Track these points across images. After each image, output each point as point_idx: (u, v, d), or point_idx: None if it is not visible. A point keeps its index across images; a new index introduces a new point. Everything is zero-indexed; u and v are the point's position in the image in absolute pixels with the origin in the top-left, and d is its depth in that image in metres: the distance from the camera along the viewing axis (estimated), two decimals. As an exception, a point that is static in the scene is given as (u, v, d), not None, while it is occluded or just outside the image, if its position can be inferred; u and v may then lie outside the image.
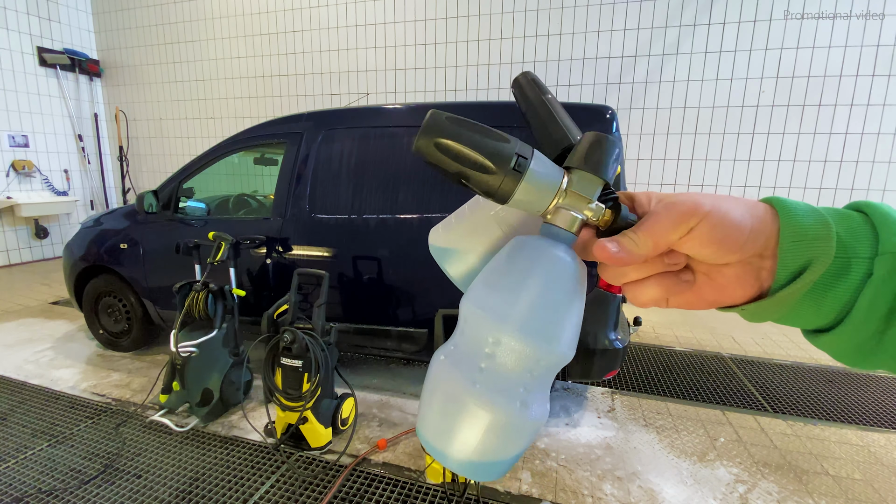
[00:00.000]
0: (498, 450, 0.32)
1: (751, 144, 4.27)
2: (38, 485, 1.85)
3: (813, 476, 2.00)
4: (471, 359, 0.32)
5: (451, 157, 0.30)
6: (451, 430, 0.32)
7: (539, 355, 0.31)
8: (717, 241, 0.29)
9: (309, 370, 2.00)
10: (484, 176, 0.31)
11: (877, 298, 0.27)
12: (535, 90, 0.41)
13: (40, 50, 5.85)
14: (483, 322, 0.31)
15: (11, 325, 3.70)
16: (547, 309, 0.31)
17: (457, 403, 0.31)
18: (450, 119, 0.31)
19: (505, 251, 0.34)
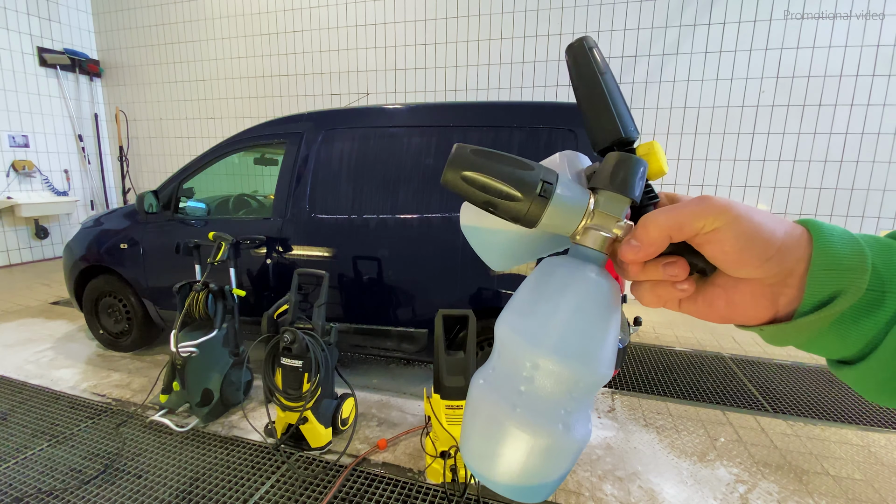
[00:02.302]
0: (542, 472, 0.32)
1: (751, 144, 4.27)
2: (38, 485, 1.85)
3: (813, 476, 2.00)
4: (510, 382, 0.32)
5: (477, 187, 0.31)
6: (494, 454, 0.32)
7: (578, 377, 0.31)
8: (740, 248, 0.27)
9: (309, 370, 2.00)
10: (511, 204, 0.31)
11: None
12: (591, 65, 0.37)
13: (40, 50, 5.85)
14: (520, 346, 0.32)
15: (12, 325, 3.70)
16: (583, 331, 0.31)
17: (498, 427, 0.32)
18: (474, 151, 0.31)
19: (536, 273, 0.35)
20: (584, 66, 0.37)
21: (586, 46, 0.37)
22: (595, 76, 0.36)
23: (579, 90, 0.37)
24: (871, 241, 0.28)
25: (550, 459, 0.32)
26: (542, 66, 4.69)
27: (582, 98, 0.37)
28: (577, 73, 0.37)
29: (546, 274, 0.34)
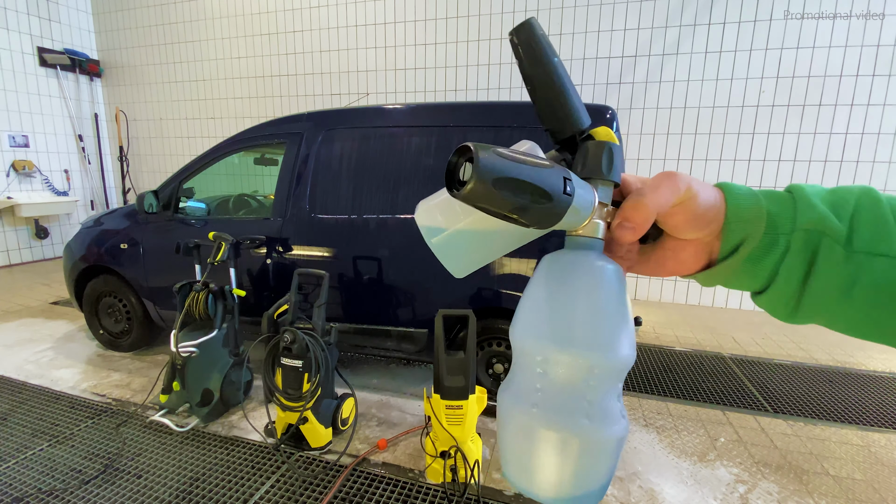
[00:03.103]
0: (582, 474, 0.30)
1: (751, 144, 4.27)
2: (38, 485, 1.85)
3: (813, 476, 2.00)
4: (527, 384, 0.32)
5: (510, 192, 0.28)
6: (529, 465, 0.31)
7: (591, 363, 0.30)
8: (695, 217, 0.33)
9: (309, 370, 2.00)
10: (544, 206, 0.29)
11: (793, 267, 0.33)
12: (544, 52, 0.34)
13: (40, 50, 5.85)
14: (530, 344, 0.31)
15: (12, 325, 3.70)
16: (596, 316, 0.31)
17: (524, 433, 0.31)
18: (500, 153, 0.28)
19: (542, 272, 0.34)
20: (537, 52, 0.34)
21: (537, 31, 0.34)
22: (550, 64, 0.34)
23: (534, 79, 0.35)
24: (769, 195, 0.34)
25: (585, 457, 0.30)
26: (542, 66, 4.69)
27: (538, 86, 0.35)
28: (530, 61, 0.35)
29: (551, 270, 0.33)
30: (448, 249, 0.39)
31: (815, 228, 0.32)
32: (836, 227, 0.31)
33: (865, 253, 0.30)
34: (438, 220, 0.39)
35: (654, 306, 4.52)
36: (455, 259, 0.40)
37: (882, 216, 0.31)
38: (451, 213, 0.39)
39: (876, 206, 0.31)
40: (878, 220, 0.31)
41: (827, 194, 0.33)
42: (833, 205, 0.32)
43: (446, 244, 0.39)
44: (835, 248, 0.31)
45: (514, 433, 0.32)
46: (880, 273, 0.30)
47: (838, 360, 3.25)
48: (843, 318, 0.32)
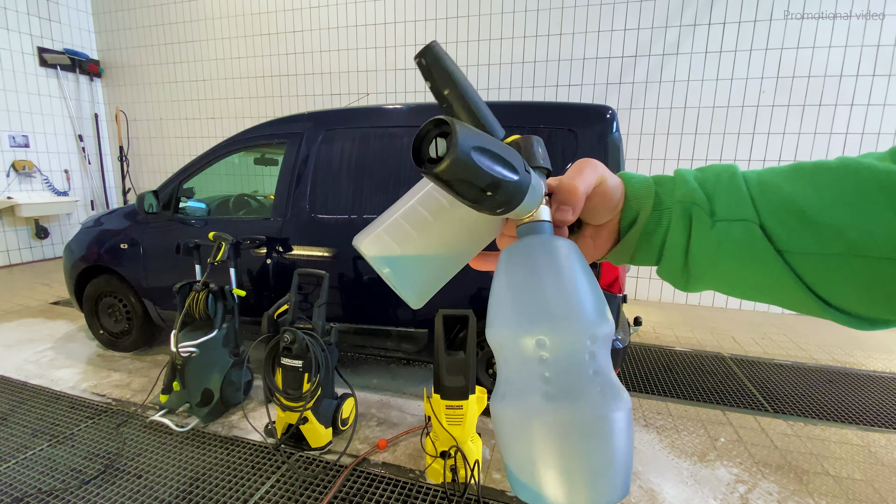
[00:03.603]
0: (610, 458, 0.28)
1: (751, 144, 4.27)
2: (38, 485, 1.85)
3: (813, 476, 2.00)
4: (530, 380, 0.29)
5: (487, 164, 0.27)
6: (557, 471, 0.27)
7: (590, 331, 0.29)
8: (607, 199, 0.37)
9: (309, 370, 2.00)
10: (513, 181, 0.29)
11: (676, 237, 0.37)
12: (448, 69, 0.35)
13: (41, 50, 5.85)
14: (519, 336, 0.30)
15: (12, 325, 3.70)
16: (573, 287, 0.31)
17: (546, 432, 0.28)
18: (470, 127, 0.27)
19: (503, 267, 0.34)
20: (445, 72, 0.35)
21: (441, 53, 0.35)
22: (459, 82, 0.35)
23: (447, 97, 0.35)
24: (658, 179, 0.39)
25: (612, 436, 0.28)
26: (542, 66, 4.69)
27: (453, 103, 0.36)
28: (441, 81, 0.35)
29: (519, 257, 0.33)
30: (405, 275, 0.37)
31: (687, 200, 0.36)
32: (702, 198, 0.36)
33: (726, 220, 0.34)
34: (390, 246, 0.37)
35: (654, 306, 4.52)
36: (412, 285, 0.38)
37: (737, 186, 0.35)
38: (401, 235, 0.37)
39: (733, 178, 0.36)
40: (734, 189, 0.35)
41: (698, 173, 0.38)
42: (701, 180, 0.37)
43: (402, 270, 0.37)
44: (703, 217, 0.35)
45: (530, 439, 0.28)
46: (738, 235, 0.34)
47: (838, 360, 3.25)
48: (722, 280, 0.36)
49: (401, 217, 0.38)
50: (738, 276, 0.35)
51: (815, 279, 0.32)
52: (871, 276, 0.30)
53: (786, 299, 0.35)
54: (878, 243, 0.29)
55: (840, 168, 0.32)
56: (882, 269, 0.30)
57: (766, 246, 0.33)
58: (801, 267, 0.33)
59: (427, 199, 0.38)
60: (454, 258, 0.39)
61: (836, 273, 0.31)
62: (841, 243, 0.31)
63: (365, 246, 0.37)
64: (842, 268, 0.31)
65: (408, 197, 0.39)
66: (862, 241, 0.30)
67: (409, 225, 0.37)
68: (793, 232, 0.32)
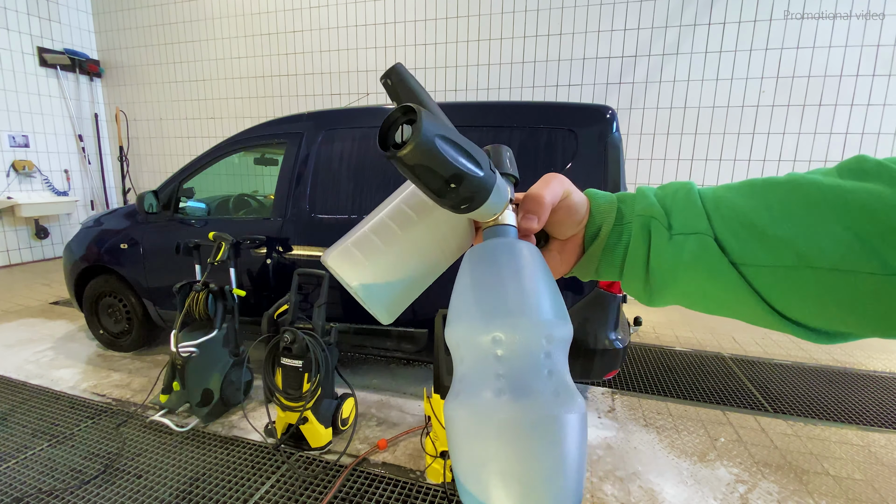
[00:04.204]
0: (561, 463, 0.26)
1: (751, 144, 4.27)
2: (38, 485, 1.85)
3: (813, 476, 2.00)
4: (484, 375, 0.28)
5: (451, 154, 0.27)
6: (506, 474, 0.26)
7: (546, 329, 0.29)
8: (572, 213, 0.39)
9: (309, 370, 2.00)
10: (478, 178, 0.28)
11: (636, 251, 0.38)
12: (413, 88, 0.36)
13: (41, 50, 5.85)
14: (476, 333, 0.29)
15: (12, 325, 3.70)
16: (532, 286, 0.30)
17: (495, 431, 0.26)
18: (437, 117, 0.28)
19: (465, 267, 0.33)
20: (411, 90, 0.36)
21: (405, 73, 0.36)
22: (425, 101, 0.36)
23: None
24: (621, 195, 0.40)
25: (563, 439, 0.26)
26: (542, 66, 4.69)
27: None
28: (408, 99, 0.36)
29: (482, 257, 0.33)
30: (375, 291, 0.36)
31: (646, 214, 0.38)
32: (660, 212, 0.37)
33: (682, 233, 0.36)
34: (359, 260, 0.36)
35: (649, 303, 4.51)
36: (382, 300, 0.37)
37: (692, 201, 0.36)
38: (370, 248, 0.36)
39: (689, 194, 0.37)
40: (689, 204, 0.36)
41: (658, 190, 0.39)
42: (661, 197, 0.38)
43: (372, 285, 0.36)
44: (661, 230, 0.36)
45: (485, 438, 0.27)
46: (694, 247, 0.35)
47: (838, 360, 3.25)
48: (683, 293, 0.37)
49: (369, 230, 0.37)
50: (698, 288, 0.36)
51: (769, 291, 0.33)
52: (822, 287, 0.31)
53: (745, 313, 0.35)
54: (826, 254, 0.30)
55: (788, 184, 0.33)
56: (832, 280, 0.30)
57: (720, 258, 0.34)
58: (755, 279, 0.33)
59: (396, 211, 0.37)
60: (425, 271, 0.39)
61: (788, 285, 0.32)
62: (791, 255, 0.31)
63: (332, 260, 0.36)
64: (794, 279, 0.32)
65: (377, 210, 0.39)
66: (811, 253, 0.31)
67: (378, 238, 0.36)
68: (745, 244, 0.33)
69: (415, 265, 0.38)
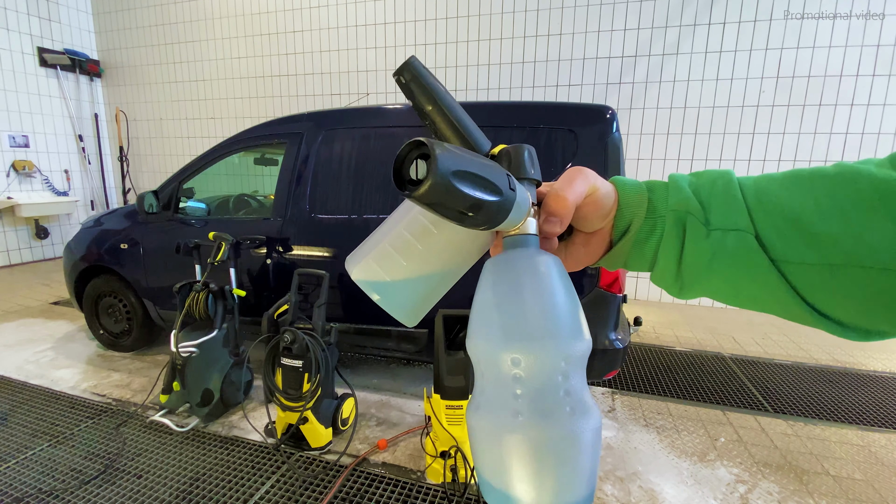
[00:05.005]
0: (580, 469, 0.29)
1: (751, 144, 4.27)
2: (38, 485, 1.85)
3: (813, 476, 2.00)
4: (503, 395, 0.30)
5: (467, 186, 0.26)
6: (528, 478, 0.28)
7: (564, 352, 0.29)
8: (600, 207, 0.37)
9: (309, 370, 2.00)
10: (496, 200, 0.28)
11: (669, 245, 0.36)
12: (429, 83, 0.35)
13: (41, 50, 5.85)
14: (494, 352, 0.30)
15: (12, 325, 3.70)
16: (551, 307, 0.30)
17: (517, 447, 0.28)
18: (451, 148, 0.27)
19: (491, 276, 0.33)
20: (427, 87, 0.34)
21: (420, 67, 0.34)
22: (442, 97, 0.35)
23: (431, 113, 0.35)
24: (651, 185, 0.38)
25: (578, 453, 0.29)
26: (542, 66, 4.69)
27: (437, 120, 0.35)
28: (423, 97, 0.35)
29: (501, 272, 0.33)
30: (396, 300, 0.37)
31: (681, 209, 0.35)
32: (696, 206, 0.35)
33: (721, 229, 0.34)
34: (378, 274, 0.37)
35: (654, 306, 4.52)
36: (403, 307, 0.38)
37: (733, 194, 0.34)
38: (389, 263, 0.37)
39: (729, 186, 0.35)
40: (730, 198, 0.34)
41: (692, 178, 0.37)
42: (696, 187, 0.36)
43: (393, 296, 0.37)
44: (698, 226, 0.35)
45: (503, 452, 0.29)
46: (733, 245, 0.33)
47: (838, 360, 3.25)
48: (714, 288, 0.36)
49: (388, 244, 0.38)
50: (732, 284, 0.35)
51: (810, 289, 0.32)
52: (870, 287, 0.29)
53: (779, 309, 0.34)
54: (877, 254, 0.29)
55: (838, 176, 0.32)
56: (883, 280, 0.29)
57: (760, 256, 0.32)
58: (796, 277, 0.32)
59: (413, 223, 0.37)
60: (444, 278, 0.39)
61: (832, 283, 0.31)
62: (839, 253, 0.30)
63: (355, 273, 0.38)
64: (839, 278, 0.30)
65: (396, 218, 0.39)
66: (861, 251, 0.29)
67: (397, 252, 0.37)
68: (789, 241, 0.32)
69: (435, 275, 0.38)
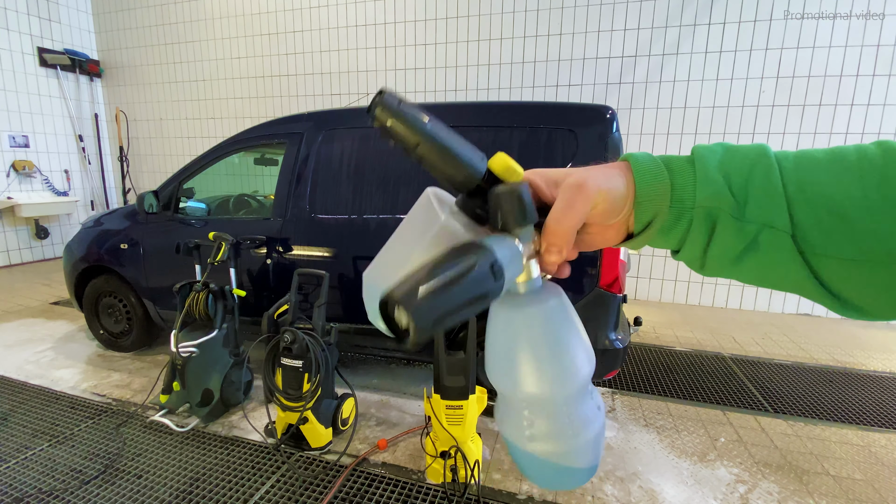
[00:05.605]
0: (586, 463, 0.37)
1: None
2: (38, 485, 1.85)
3: (813, 476, 2.00)
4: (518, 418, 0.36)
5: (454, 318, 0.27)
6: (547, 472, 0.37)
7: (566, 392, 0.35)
8: (612, 211, 0.36)
9: (309, 370, 2.00)
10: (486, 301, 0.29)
11: (696, 236, 0.36)
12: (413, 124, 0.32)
13: (41, 50, 5.85)
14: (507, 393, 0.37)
15: (12, 325, 3.70)
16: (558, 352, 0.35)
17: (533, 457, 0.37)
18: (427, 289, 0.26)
19: (493, 319, 0.36)
20: (408, 119, 0.32)
21: (394, 100, 0.32)
22: (425, 128, 0.32)
23: (418, 147, 0.33)
24: (671, 165, 0.36)
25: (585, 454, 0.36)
26: (542, 66, 4.69)
27: (426, 154, 0.33)
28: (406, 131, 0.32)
29: (503, 320, 0.35)
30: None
31: (713, 206, 0.34)
32: (730, 201, 0.33)
33: (755, 223, 0.33)
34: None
35: (654, 306, 4.52)
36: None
37: (773, 186, 0.32)
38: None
39: (769, 175, 0.33)
40: (769, 191, 0.32)
41: (724, 157, 0.35)
42: (728, 171, 0.34)
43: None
44: (730, 220, 0.33)
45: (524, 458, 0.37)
46: (766, 242, 0.33)
47: (838, 360, 3.25)
48: (739, 275, 0.37)
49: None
50: (756, 274, 0.35)
51: (839, 282, 0.31)
52: None
53: (797, 290, 0.35)
54: None
55: (887, 167, 0.30)
56: None
57: (793, 253, 0.32)
58: (827, 270, 0.31)
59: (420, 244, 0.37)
60: None
61: (867, 278, 0.30)
62: (882, 251, 0.29)
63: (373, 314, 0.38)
64: (877, 274, 0.30)
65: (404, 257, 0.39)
66: None
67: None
68: (830, 235, 0.31)
69: None
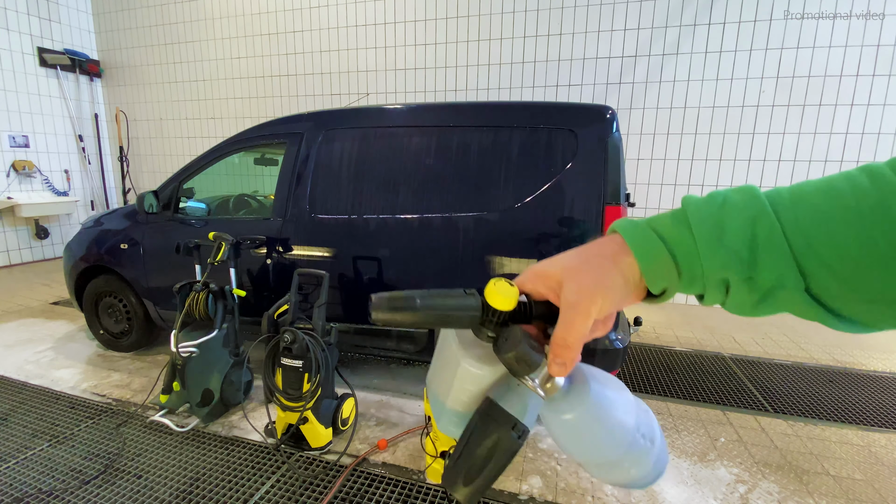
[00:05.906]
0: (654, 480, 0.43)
1: (751, 144, 4.27)
2: (38, 485, 1.85)
3: (814, 476, 2.00)
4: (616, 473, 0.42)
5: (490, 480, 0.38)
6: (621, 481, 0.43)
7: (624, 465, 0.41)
8: (617, 305, 0.38)
9: (309, 370, 2.00)
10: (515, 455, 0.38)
11: (713, 294, 0.37)
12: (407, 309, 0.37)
13: (41, 50, 5.85)
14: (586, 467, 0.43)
15: (12, 325, 3.70)
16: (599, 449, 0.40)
17: None
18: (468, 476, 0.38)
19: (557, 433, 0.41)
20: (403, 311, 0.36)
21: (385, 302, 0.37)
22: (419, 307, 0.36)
23: (422, 321, 0.37)
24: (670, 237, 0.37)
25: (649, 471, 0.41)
26: (542, 66, 4.69)
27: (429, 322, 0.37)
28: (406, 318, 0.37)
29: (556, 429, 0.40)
30: None
31: (721, 276, 0.35)
32: (738, 268, 0.34)
33: (768, 284, 0.33)
34: None
35: (654, 306, 4.51)
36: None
37: (779, 247, 0.32)
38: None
39: (771, 234, 0.33)
40: (775, 252, 0.33)
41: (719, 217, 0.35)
42: (729, 236, 0.34)
43: None
44: (742, 286, 0.34)
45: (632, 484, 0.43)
46: (782, 298, 0.34)
47: (838, 360, 3.25)
48: (761, 315, 0.37)
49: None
50: (777, 311, 0.36)
51: (846, 307, 0.32)
52: None
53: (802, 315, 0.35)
54: None
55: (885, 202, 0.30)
56: None
57: (808, 302, 0.33)
58: (837, 303, 0.32)
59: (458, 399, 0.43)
60: None
61: (877, 310, 0.31)
62: (893, 294, 0.30)
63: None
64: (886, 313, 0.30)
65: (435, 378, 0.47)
66: None
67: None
68: (844, 283, 0.31)
69: None
